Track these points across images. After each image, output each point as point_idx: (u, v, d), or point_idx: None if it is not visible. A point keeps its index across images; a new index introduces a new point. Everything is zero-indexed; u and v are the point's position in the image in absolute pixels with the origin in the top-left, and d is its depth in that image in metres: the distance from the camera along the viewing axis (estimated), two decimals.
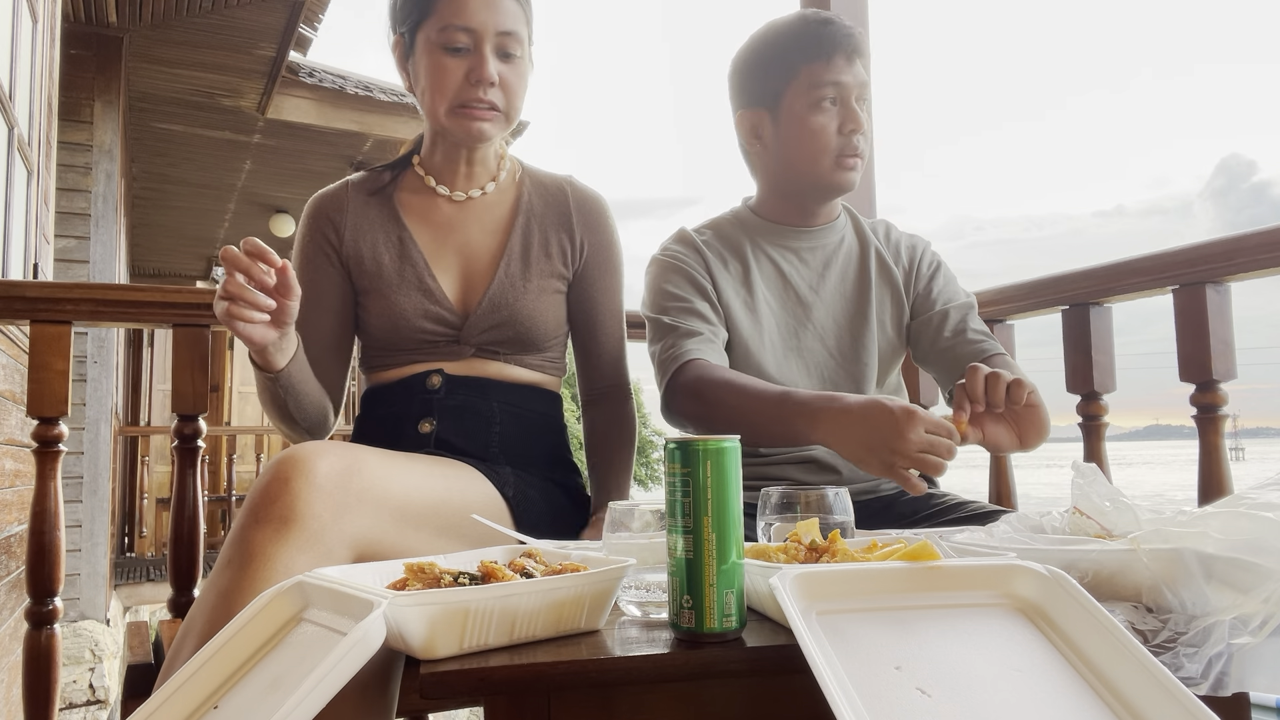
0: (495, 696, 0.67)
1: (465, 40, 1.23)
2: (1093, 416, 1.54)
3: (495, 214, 1.38)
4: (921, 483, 1.09)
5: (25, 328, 1.40)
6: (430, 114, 1.30)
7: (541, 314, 1.34)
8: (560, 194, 1.41)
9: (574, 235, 1.39)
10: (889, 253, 1.50)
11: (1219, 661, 0.64)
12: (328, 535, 0.89)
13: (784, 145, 1.40)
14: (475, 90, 1.24)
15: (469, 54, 1.24)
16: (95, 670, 4.34)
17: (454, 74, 1.24)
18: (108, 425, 4.78)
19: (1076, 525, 0.85)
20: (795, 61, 1.36)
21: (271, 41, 5.02)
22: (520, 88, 1.30)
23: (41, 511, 1.34)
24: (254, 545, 0.86)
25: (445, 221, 1.36)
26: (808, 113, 1.36)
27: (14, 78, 3.10)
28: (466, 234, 1.36)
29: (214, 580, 0.88)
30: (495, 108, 1.26)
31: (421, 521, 1.02)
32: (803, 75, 1.35)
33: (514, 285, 1.32)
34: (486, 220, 1.37)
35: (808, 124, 1.36)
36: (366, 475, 0.96)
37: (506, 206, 1.38)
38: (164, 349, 8.69)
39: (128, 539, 6.76)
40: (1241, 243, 1.30)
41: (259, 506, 0.89)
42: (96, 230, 4.75)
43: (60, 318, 1.38)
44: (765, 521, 0.94)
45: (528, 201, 1.39)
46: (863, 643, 0.62)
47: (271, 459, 0.95)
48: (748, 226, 1.48)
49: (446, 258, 1.34)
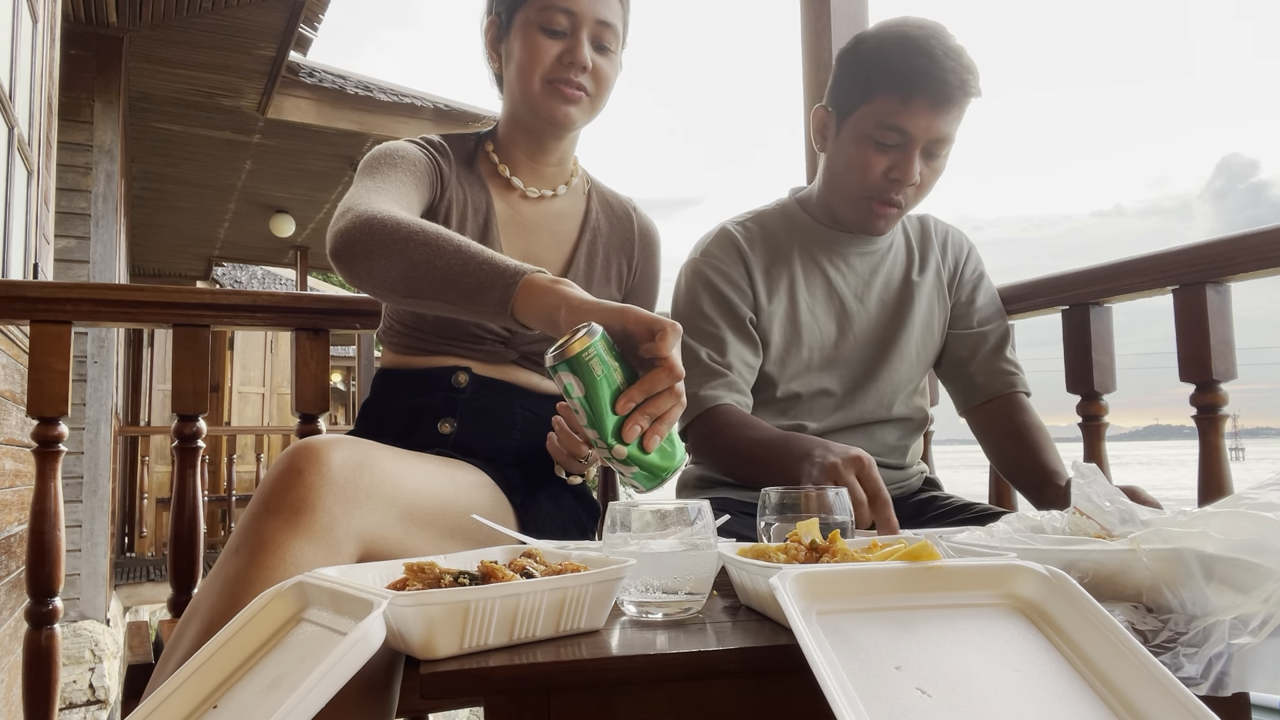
0: (495, 696, 0.67)
1: (564, 23, 1.23)
2: (1093, 416, 1.54)
3: (565, 224, 1.37)
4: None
5: (25, 328, 1.40)
6: (519, 89, 1.26)
7: None
8: (626, 218, 1.42)
9: (632, 261, 1.40)
10: (935, 252, 1.47)
11: (1219, 661, 0.64)
12: (337, 529, 0.89)
13: (835, 159, 1.36)
14: (568, 70, 1.23)
15: (565, 37, 1.24)
16: (95, 670, 4.35)
17: (549, 51, 1.23)
18: (108, 425, 4.79)
19: (1076, 525, 0.85)
20: (875, 86, 1.27)
21: (271, 41, 5.02)
22: (611, 81, 1.29)
23: (41, 511, 1.34)
24: (264, 534, 0.86)
25: (522, 218, 1.34)
26: (861, 143, 1.29)
27: (14, 78, 3.10)
28: (537, 237, 1.34)
29: (221, 567, 0.87)
30: (585, 91, 1.25)
31: (428, 522, 1.01)
32: (875, 103, 1.27)
33: None
34: (557, 228, 1.36)
35: (857, 154, 1.30)
36: (378, 472, 0.95)
37: (576, 219, 1.38)
38: (164, 349, 8.70)
39: (128, 539, 6.77)
40: (1241, 243, 1.30)
41: (271, 496, 0.88)
42: (96, 230, 4.75)
43: (60, 318, 1.38)
44: (765, 521, 0.94)
45: (595, 218, 1.39)
46: (863, 643, 0.62)
47: (285, 450, 0.94)
48: (797, 226, 1.43)
49: (515, 255, 1.29)
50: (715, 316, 1.36)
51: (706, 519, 0.80)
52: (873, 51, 1.30)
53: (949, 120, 1.26)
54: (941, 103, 1.24)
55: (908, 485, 1.46)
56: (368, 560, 0.91)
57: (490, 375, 1.28)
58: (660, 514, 0.80)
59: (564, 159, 1.36)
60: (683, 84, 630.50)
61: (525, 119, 1.30)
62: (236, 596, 0.81)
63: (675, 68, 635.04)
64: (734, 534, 1.11)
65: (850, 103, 1.31)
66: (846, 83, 1.33)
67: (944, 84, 1.23)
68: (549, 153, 1.34)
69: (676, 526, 0.80)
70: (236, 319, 1.49)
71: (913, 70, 1.24)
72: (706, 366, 1.33)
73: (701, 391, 1.31)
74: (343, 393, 12.63)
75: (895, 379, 1.41)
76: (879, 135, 1.27)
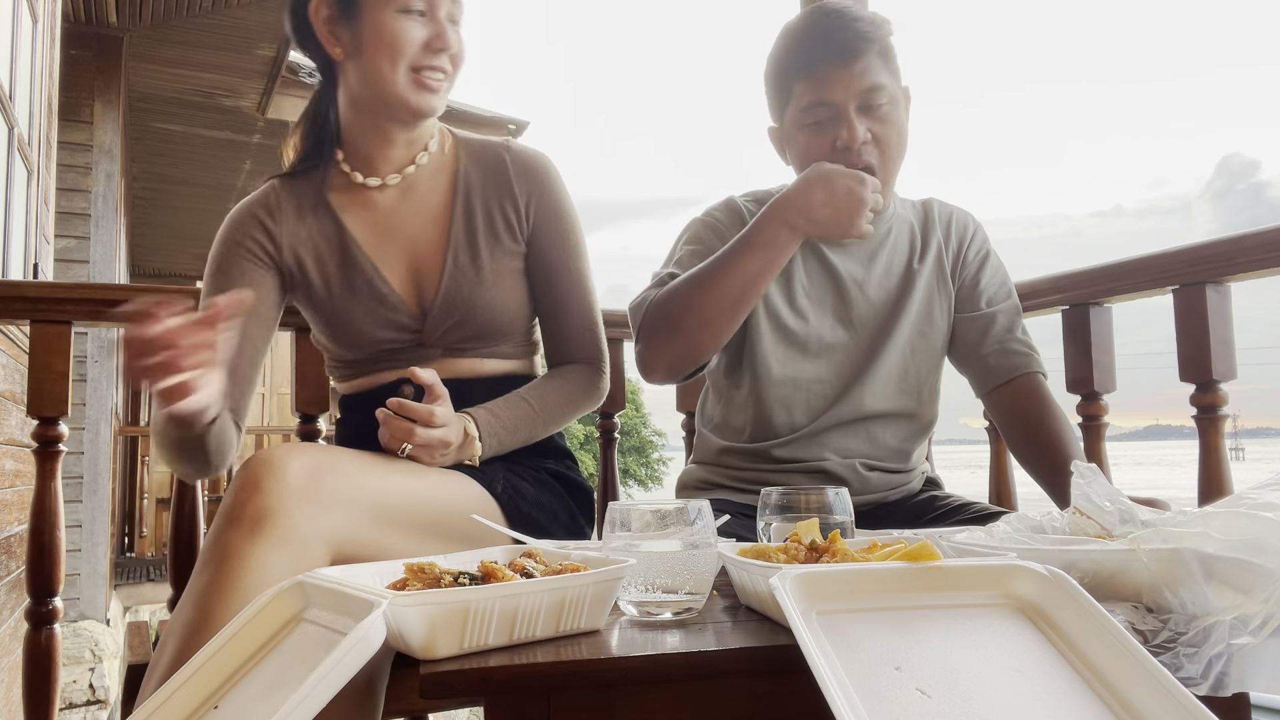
0: (495, 696, 0.67)
1: (420, 4, 1.17)
2: (1093, 416, 1.54)
3: (433, 197, 1.28)
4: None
5: (25, 328, 1.40)
6: (374, 81, 1.19)
7: (502, 301, 1.26)
8: (498, 160, 1.30)
9: (517, 201, 1.29)
10: (939, 235, 1.44)
11: (1219, 661, 0.64)
12: (300, 533, 0.89)
13: (794, 161, 1.36)
14: (435, 58, 1.18)
15: (423, 17, 1.18)
16: (95, 670, 4.34)
17: (412, 37, 1.17)
18: (108, 425, 4.79)
19: (1076, 525, 0.85)
20: (789, 78, 1.30)
21: (271, 41, 5.02)
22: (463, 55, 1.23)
23: (41, 511, 1.34)
24: (228, 546, 0.86)
25: (383, 214, 1.27)
26: (802, 134, 1.31)
27: (14, 78, 3.10)
28: (406, 223, 1.27)
29: (192, 584, 0.88)
30: (445, 73, 1.21)
31: (400, 521, 1.00)
32: (795, 95, 1.30)
33: (465, 275, 1.24)
34: (425, 205, 1.28)
35: (804, 146, 1.31)
36: (338, 474, 0.95)
37: (444, 186, 1.29)
38: None
39: (128, 539, 6.76)
40: (1242, 243, 1.30)
41: (231, 508, 0.89)
42: (96, 230, 4.75)
43: (60, 318, 1.38)
44: (765, 521, 0.94)
45: (464, 176, 1.29)
46: (863, 643, 0.62)
47: (244, 461, 0.95)
48: None
49: (391, 254, 1.26)
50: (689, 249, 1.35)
51: (706, 519, 0.80)
52: (775, 56, 1.34)
53: (864, 71, 1.25)
54: (844, 57, 1.25)
55: (908, 486, 1.46)
56: (341, 562, 0.91)
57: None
58: (660, 514, 0.80)
59: (413, 136, 1.27)
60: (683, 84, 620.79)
61: (376, 109, 1.22)
62: (208, 610, 0.82)
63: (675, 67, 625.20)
64: (734, 535, 1.11)
65: (781, 109, 1.35)
66: (772, 93, 1.36)
67: (840, 43, 1.25)
68: (399, 134, 1.26)
69: (676, 526, 0.80)
70: None
71: (806, 48, 1.28)
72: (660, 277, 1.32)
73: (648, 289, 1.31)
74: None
75: (889, 369, 1.39)
76: (809, 118, 1.29)
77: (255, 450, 4.91)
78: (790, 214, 1.21)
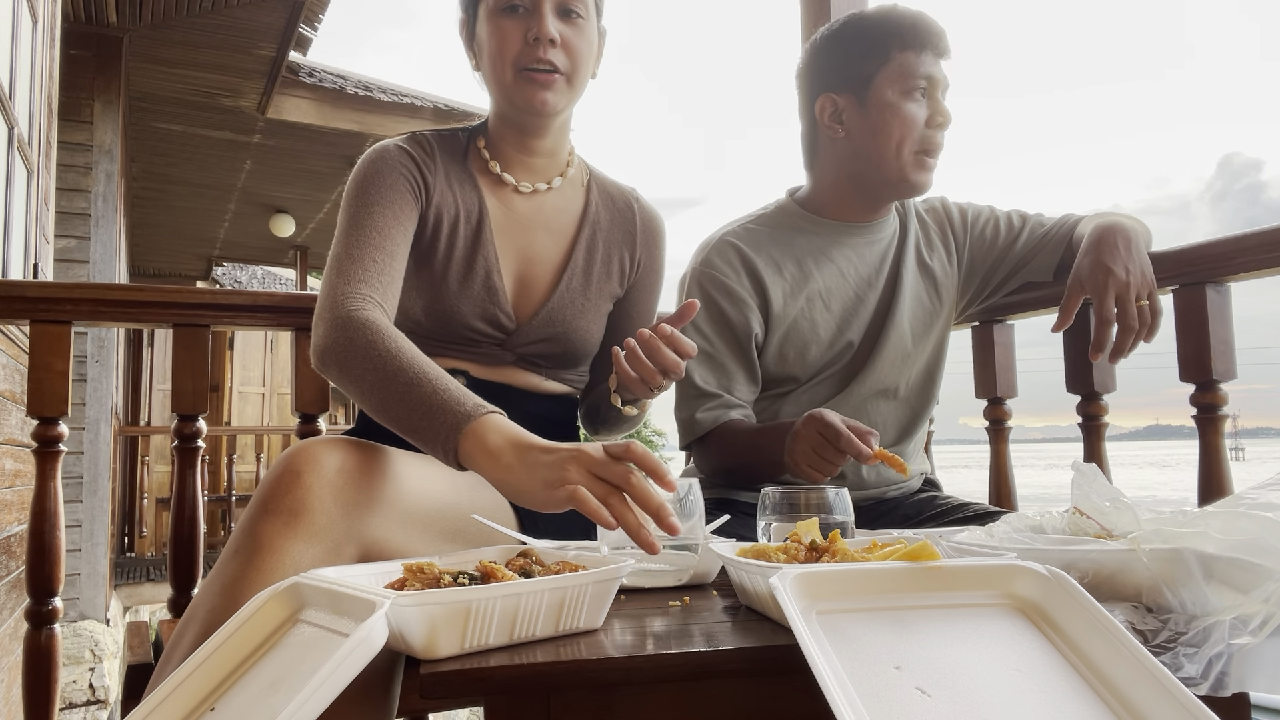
0: (495, 696, 0.67)
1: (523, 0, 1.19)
2: (1093, 416, 1.54)
3: (563, 219, 1.33)
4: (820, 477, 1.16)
5: (25, 328, 1.40)
6: (495, 82, 1.23)
7: (593, 334, 1.32)
8: (628, 209, 1.38)
9: (635, 253, 1.37)
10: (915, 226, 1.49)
11: (1219, 661, 0.64)
12: (336, 530, 0.88)
13: (867, 133, 1.35)
14: (535, 50, 1.18)
15: (527, 14, 1.19)
16: (95, 670, 4.34)
17: (513, 35, 1.19)
18: (108, 425, 4.78)
19: (1076, 525, 0.85)
20: (890, 47, 1.33)
21: (271, 41, 5.02)
22: (585, 50, 1.23)
23: (41, 511, 1.34)
24: (263, 536, 0.85)
25: (516, 214, 1.30)
26: (901, 99, 1.32)
27: (14, 78, 3.10)
28: (533, 234, 1.30)
29: (220, 569, 0.87)
30: (557, 69, 1.20)
31: (428, 524, 1.00)
32: (896, 61, 1.32)
33: (573, 301, 1.29)
34: (554, 224, 1.32)
35: (899, 111, 1.32)
36: (379, 474, 0.95)
37: (574, 213, 1.34)
38: (164, 349, 8.70)
39: (128, 539, 6.76)
40: (1242, 243, 1.30)
41: (270, 498, 0.88)
42: (96, 230, 4.75)
43: (60, 318, 1.38)
44: (765, 521, 0.94)
45: (595, 212, 1.35)
46: (863, 643, 0.62)
47: (284, 452, 0.94)
48: (800, 223, 1.44)
49: (511, 255, 1.28)
50: (714, 337, 1.37)
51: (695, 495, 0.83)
52: (875, 21, 1.36)
53: (947, 70, 1.36)
54: (943, 53, 1.35)
55: (907, 485, 1.46)
56: (368, 562, 0.91)
57: (489, 378, 1.27)
58: None
59: (555, 150, 1.32)
60: (683, 84, 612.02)
61: (508, 112, 1.27)
62: (235, 599, 0.81)
63: (676, 67, 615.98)
64: (734, 535, 1.11)
65: (865, 73, 1.34)
66: (852, 58, 1.36)
67: (941, 36, 1.34)
68: (539, 142, 1.29)
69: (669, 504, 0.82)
70: (236, 319, 1.49)
71: (915, 26, 1.33)
72: (700, 390, 1.36)
73: (698, 415, 1.35)
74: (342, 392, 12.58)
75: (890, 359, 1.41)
76: (910, 86, 1.32)
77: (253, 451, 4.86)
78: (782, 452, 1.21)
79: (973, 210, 1.51)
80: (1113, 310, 1.20)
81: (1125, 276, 1.21)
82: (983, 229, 1.49)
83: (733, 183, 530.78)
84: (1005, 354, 1.73)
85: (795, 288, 1.39)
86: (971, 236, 1.49)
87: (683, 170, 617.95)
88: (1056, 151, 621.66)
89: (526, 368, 1.29)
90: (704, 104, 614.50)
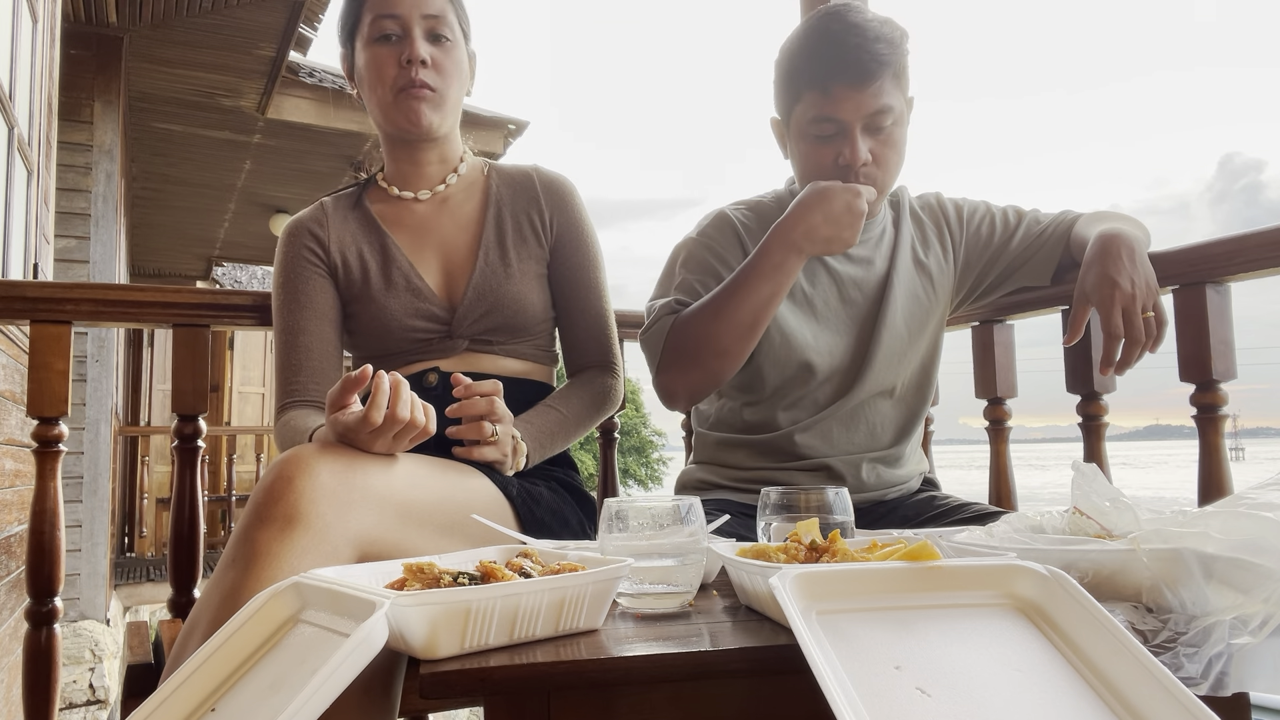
0: (495, 696, 0.67)
1: (394, 27, 1.29)
2: (1093, 416, 1.54)
3: (467, 208, 1.41)
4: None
5: (25, 328, 1.40)
6: (377, 107, 1.33)
7: (527, 295, 1.36)
8: (526, 179, 1.44)
9: (544, 213, 1.41)
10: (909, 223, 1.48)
11: (1219, 661, 0.64)
12: (332, 534, 0.89)
13: (794, 162, 1.38)
14: (409, 71, 1.28)
15: (399, 40, 1.30)
16: (95, 670, 4.35)
17: (388, 60, 1.29)
18: (108, 425, 4.78)
19: (1076, 525, 0.85)
20: (799, 85, 1.30)
21: (271, 41, 5.02)
22: (454, 71, 1.33)
23: (41, 511, 1.34)
24: (259, 544, 0.86)
25: (420, 222, 1.39)
26: (804, 142, 1.32)
27: (14, 78, 3.10)
28: (442, 231, 1.39)
29: (218, 579, 0.87)
30: (429, 86, 1.30)
31: (424, 520, 1.01)
32: (804, 102, 1.30)
33: (495, 271, 1.35)
34: (459, 215, 1.40)
35: (805, 153, 1.32)
36: (370, 473, 0.96)
37: (477, 200, 1.42)
38: (164, 349, 8.70)
39: (128, 539, 6.76)
40: (1242, 243, 1.30)
41: (263, 506, 0.89)
42: (96, 230, 4.75)
43: (60, 318, 1.38)
44: (765, 521, 0.94)
45: (496, 191, 1.42)
46: (863, 643, 0.62)
47: (275, 459, 0.95)
48: None
49: (428, 255, 1.37)
50: (695, 283, 1.37)
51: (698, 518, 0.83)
52: (789, 53, 1.33)
53: (876, 94, 1.25)
54: (860, 81, 1.24)
55: (907, 485, 1.46)
56: (366, 561, 0.91)
57: (458, 369, 1.30)
58: (654, 513, 0.82)
59: (445, 156, 1.41)
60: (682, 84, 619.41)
61: (393, 134, 1.36)
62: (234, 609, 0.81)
63: (675, 68, 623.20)
64: (734, 535, 1.11)
65: (787, 107, 1.35)
66: (779, 89, 1.36)
67: (857, 63, 1.24)
68: (427, 153, 1.39)
69: (671, 526, 0.81)
70: (236, 319, 1.49)
71: (823, 60, 1.26)
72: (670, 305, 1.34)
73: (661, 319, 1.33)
74: None
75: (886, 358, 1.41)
76: (815, 130, 1.29)
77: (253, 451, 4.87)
78: (794, 236, 1.25)
79: (968, 206, 1.51)
80: (1120, 325, 1.19)
81: (1131, 289, 1.20)
82: (978, 225, 1.49)
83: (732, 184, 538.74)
84: (1005, 354, 1.73)
85: None
86: (967, 233, 1.49)
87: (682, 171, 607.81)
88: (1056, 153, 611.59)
89: (481, 349, 1.35)
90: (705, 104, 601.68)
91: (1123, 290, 1.20)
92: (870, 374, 1.39)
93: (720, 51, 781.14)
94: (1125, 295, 1.20)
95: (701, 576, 0.84)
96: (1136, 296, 1.20)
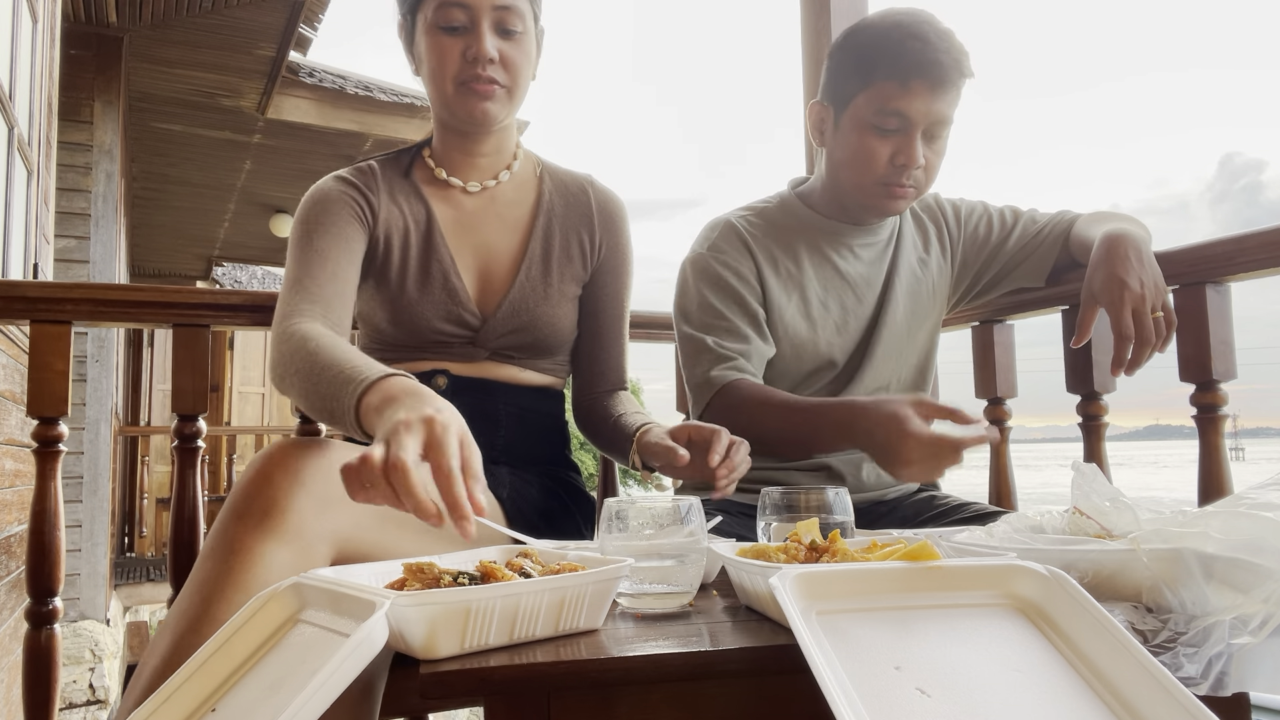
0: (495, 696, 0.67)
1: (462, 17, 1.19)
2: (1093, 416, 1.54)
3: (516, 211, 1.34)
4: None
5: (25, 328, 1.40)
6: (435, 94, 1.25)
7: (561, 319, 1.32)
8: (582, 194, 1.38)
9: (594, 236, 1.37)
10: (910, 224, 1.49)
11: (1219, 661, 0.64)
12: (309, 529, 0.89)
13: (836, 152, 1.35)
14: (474, 67, 1.20)
15: (466, 32, 1.20)
16: (95, 670, 4.34)
17: (453, 51, 1.20)
18: (108, 425, 4.78)
19: (1076, 525, 0.85)
20: (875, 71, 1.27)
21: (271, 41, 5.02)
22: (524, 64, 1.24)
23: (41, 511, 1.34)
24: (235, 539, 0.86)
25: (466, 215, 1.32)
26: (863, 131, 1.29)
27: (14, 78, 3.10)
28: (486, 230, 1.32)
29: (195, 574, 0.87)
30: (497, 83, 1.22)
31: (404, 519, 1.00)
32: (875, 89, 1.27)
33: (535, 290, 1.30)
34: (507, 217, 1.33)
35: (860, 143, 1.30)
36: None
37: (528, 205, 1.35)
38: (164, 349, 8.70)
39: (128, 539, 6.76)
40: (1242, 243, 1.30)
41: (240, 501, 0.88)
42: (96, 230, 4.75)
43: (60, 318, 1.38)
44: (765, 521, 0.94)
45: (549, 201, 1.36)
46: (863, 643, 0.62)
47: (254, 456, 0.95)
48: (800, 219, 1.43)
49: (467, 254, 1.30)
50: (725, 310, 1.35)
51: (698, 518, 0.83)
52: (868, 39, 1.30)
53: (947, 102, 1.27)
54: (939, 84, 1.25)
55: (906, 486, 1.46)
56: (342, 561, 0.91)
57: (468, 375, 1.28)
58: (654, 513, 0.82)
59: (500, 148, 1.33)
60: (682, 85, 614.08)
61: (449, 120, 1.28)
62: (209, 601, 0.82)
63: (675, 68, 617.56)
64: (734, 535, 1.11)
65: (848, 92, 1.31)
66: (843, 73, 1.32)
67: (940, 65, 1.24)
68: (482, 144, 1.31)
69: (671, 525, 0.81)
70: (236, 319, 1.49)
71: (909, 54, 1.24)
72: (716, 353, 1.32)
73: (712, 373, 1.30)
74: None
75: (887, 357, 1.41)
76: (880, 121, 1.27)
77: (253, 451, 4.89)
78: (856, 436, 1.17)
79: (966, 206, 1.51)
80: (1130, 326, 1.19)
81: (1140, 289, 1.20)
82: (976, 225, 1.49)
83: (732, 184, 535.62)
84: (1005, 354, 1.73)
85: (789, 286, 1.38)
86: (965, 233, 1.49)
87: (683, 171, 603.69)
88: (1056, 153, 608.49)
89: (502, 360, 1.31)
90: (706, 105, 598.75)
91: (1132, 291, 1.20)
92: (869, 372, 1.39)
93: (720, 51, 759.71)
94: (1135, 296, 1.20)
95: (701, 576, 0.84)
96: (1146, 297, 1.20)
